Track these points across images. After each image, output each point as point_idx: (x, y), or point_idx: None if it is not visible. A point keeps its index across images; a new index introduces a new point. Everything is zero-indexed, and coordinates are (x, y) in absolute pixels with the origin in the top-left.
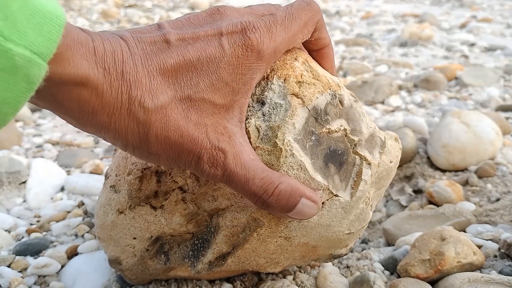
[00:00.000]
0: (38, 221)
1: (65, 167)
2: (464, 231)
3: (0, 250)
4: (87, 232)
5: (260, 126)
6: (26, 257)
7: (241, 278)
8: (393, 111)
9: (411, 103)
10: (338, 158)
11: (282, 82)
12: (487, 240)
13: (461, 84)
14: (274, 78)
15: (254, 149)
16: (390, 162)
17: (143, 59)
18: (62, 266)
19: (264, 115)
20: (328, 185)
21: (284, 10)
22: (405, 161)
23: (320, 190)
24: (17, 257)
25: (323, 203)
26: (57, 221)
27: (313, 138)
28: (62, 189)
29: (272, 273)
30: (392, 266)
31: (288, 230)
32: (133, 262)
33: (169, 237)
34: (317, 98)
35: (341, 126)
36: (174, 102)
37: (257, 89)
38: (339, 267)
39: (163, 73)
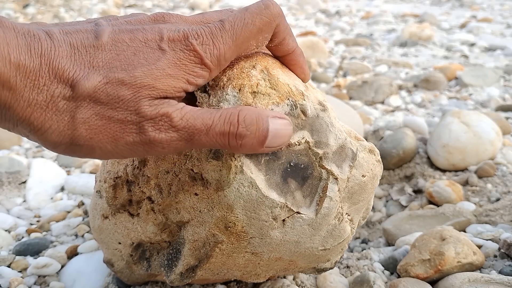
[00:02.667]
0: (38, 221)
1: (65, 167)
2: (464, 231)
3: (0, 250)
4: (87, 232)
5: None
6: (26, 257)
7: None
8: (393, 111)
9: (411, 103)
10: (300, 172)
11: (237, 92)
12: (487, 240)
13: (461, 84)
14: (229, 88)
15: (206, 166)
16: (363, 176)
17: (71, 53)
18: (62, 266)
19: None
20: (285, 203)
21: (235, 15)
22: (405, 161)
23: (277, 207)
24: (17, 257)
25: (283, 220)
26: (57, 221)
27: (269, 152)
28: (62, 189)
29: None
30: (392, 266)
31: (252, 246)
32: (122, 265)
33: (148, 244)
34: (271, 109)
35: (302, 138)
36: (103, 85)
37: (214, 99)
38: (339, 267)
39: (92, 67)
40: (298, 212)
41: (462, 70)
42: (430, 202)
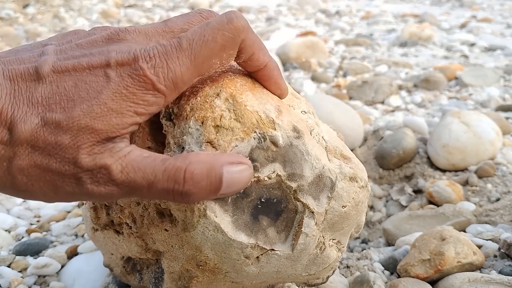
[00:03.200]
0: (38, 221)
1: None
2: (464, 231)
3: (0, 250)
4: None
5: None
6: (26, 257)
7: None
8: (393, 111)
9: (411, 103)
10: (273, 207)
11: (200, 126)
12: (487, 240)
13: (461, 84)
14: (191, 121)
15: (172, 205)
16: (343, 207)
17: (10, 89)
18: (62, 266)
19: None
20: (256, 243)
21: (194, 31)
22: (405, 161)
23: (247, 248)
24: (17, 257)
25: (257, 257)
26: (57, 221)
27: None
28: None
29: None
30: (392, 266)
31: (230, 277)
32: (119, 271)
33: (138, 259)
34: (236, 146)
35: (273, 172)
36: (40, 128)
37: (178, 130)
38: (339, 267)
39: (31, 104)
40: (272, 249)
41: (462, 70)
42: (430, 202)
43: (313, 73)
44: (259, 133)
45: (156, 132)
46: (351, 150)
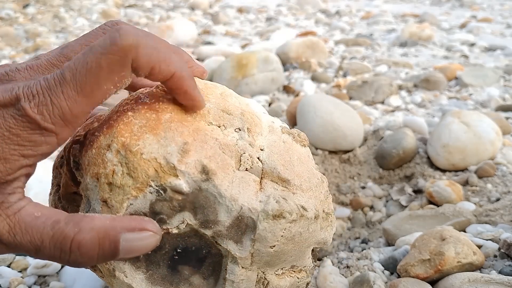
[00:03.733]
0: None
1: None
2: (464, 231)
3: None
4: None
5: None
6: (26, 257)
7: None
8: (393, 111)
9: (411, 103)
10: (193, 255)
11: (96, 182)
12: (487, 240)
13: (461, 84)
14: (88, 176)
15: (94, 270)
16: (271, 247)
17: None
18: (62, 266)
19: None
20: None
21: (77, 60)
22: (405, 161)
23: None
24: (17, 257)
25: None
26: None
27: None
28: None
29: None
30: (392, 266)
31: None
32: None
33: None
34: (130, 205)
35: (182, 222)
36: None
37: (83, 183)
38: (339, 267)
39: None
40: None
41: (462, 70)
42: (430, 202)
43: (313, 73)
44: (156, 186)
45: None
46: (351, 150)
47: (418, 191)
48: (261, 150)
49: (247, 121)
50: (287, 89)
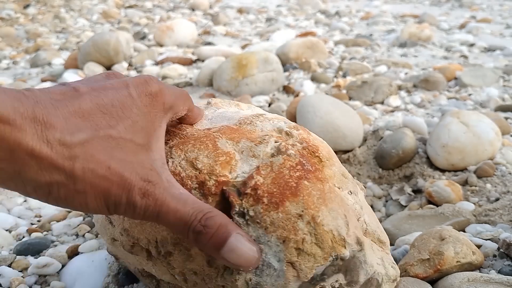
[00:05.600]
0: (38, 221)
1: None
2: (464, 231)
3: (1, 249)
4: (88, 231)
5: (250, 280)
6: (27, 256)
7: None
8: (392, 111)
9: (411, 103)
10: None
11: (281, 243)
12: (486, 240)
13: (461, 84)
14: (273, 236)
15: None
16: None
17: (54, 105)
18: (63, 266)
19: (256, 267)
20: None
21: (172, 86)
22: (404, 161)
23: None
24: (18, 257)
25: None
26: (57, 221)
27: None
28: None
29: None
30: None
31: None
32: (128, 266)
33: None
34: (315, 270)
35: (336, 281)
36: (96, 139)
37: (252, 233)
38: None
39: (78, 116)
40: None
41: (462, 71)
42: (430, 202)
43: (313, 73)
44: (334, 256)
45: (221, 208)
46: (351, 151)
47: (417, 191)
48: (361, 209)
49: (355, 183)
50: (287, 90)
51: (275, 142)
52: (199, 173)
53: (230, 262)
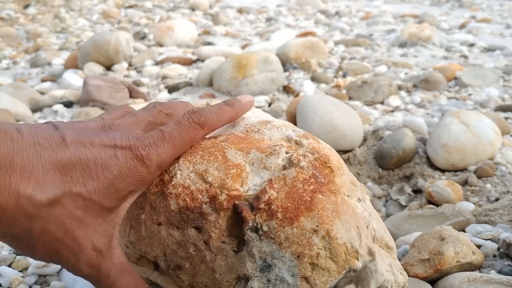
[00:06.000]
0: None
1: None
2: (464, 231)
3: (1, 249)
4: None
5: None
6: (27, 256)
7: None
8: (392, 111)
9: (411, 103)
10: None
11: (295, 259)
12: (486, 240)
13: (461, 84)
14: (287, 252)
15: None
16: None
17: (38, 151)
18: None
19: (269, 282)
20: None
21: (172, 127)
22: (404, 161)
23: None
24: (18, 257)
25: None
26: None
27: None
28: None
29: None
30: None
31: None
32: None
33: None
34: (329, 284)
35: None
36: (66, 197)
37: (265, 248)
38: None
39: (58, 168)
40: None
41: (462, 71)
42: (430, 202)
43: (313, 73)
44: (347, 268)
45: (230, 227)
46: (351, 151)
47: (417, 191)
48: (369, 216)
49: (363, 190)
50: (287, 90)
51: (286, 153)
52: (210, 186)
53: None
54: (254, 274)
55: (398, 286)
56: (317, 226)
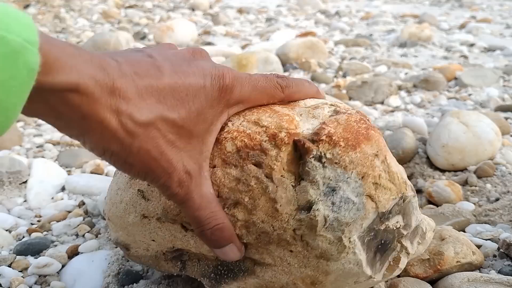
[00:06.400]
0: (38, 221)
1: (66, 167)
2: (464, 231)
3: (0, 249)
4: (88, 231)
5: (328, 216)
6: (27, 256)
7: None
8: (392, 111)
9: (411, 103)
10: (384, 247)
11: (359, 179)
12: (486, 240)
13: (461, 84)
14: (353, 173)
15: (316, 236)
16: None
17: (135, 80)
18: (63, 266)
19: (333, 204)
20: (371, 275)
21: (259, 76)
22: (404, 161)
23: (363, 277)
24: (18, 257)
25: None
26: (57, 221)
27: (372, 233)
28: (63, 189)
29: None
30: None
31: None
32: (144, 254)
33: (191, 252)
34: (391, 202)
35: (397, 222)
36: (160, 121)
37: (330, 174)
38: None
39: (153, 95)
40: (371, 276)
41: (462, 71)
42: (430, 202)
43: (313, 74)
44: (401, 194)
45: (289, 163)
46: None
47: (417, 191)
48: None
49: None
50: None
51: (330, 106)
52: (266, 128)
53: (219, 257)
54: (318, 199)
55: (431, 229)
56: (377, 151)
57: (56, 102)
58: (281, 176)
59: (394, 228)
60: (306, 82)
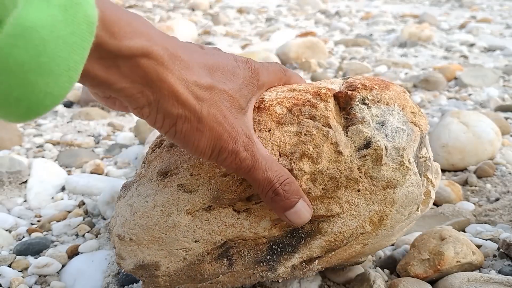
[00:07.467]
0: (38, 221)
1: (66, 167)
2: (464, 231)
3: (0, 249)
4: (88, 231)
5: (386, 146)
6: (27, 256)
7: None
8: None
9: None
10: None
11: (401, 110)
12: (486, 240)
13: (461, 85)
14: (395, 106)
15: (381, 167)
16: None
17: (191, 53)
18: (63, 266)
19: (387, 136)
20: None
21: (270, 65)
22: None
23: (419, 203)
24: (18, 257)
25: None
26: (57, 221)
27: (416, 161)
28: (63, 189)
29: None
30: (391, 266)
31: (372, 239)
32: (179, 267)
33: (240, 241)
34: (427, 127)
35: (425, 153)
36: (216, 90)
37: (377, 111)
38: None
39: (205, 67)
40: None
41: (462, 71)
42: None
43: (313, 74)
44: (428, 126)
45: (336, 114)
46: None
47: None
48: None
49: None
50: None
51: (343, 78)
52: (306, 91)
53: (290, 221)
54: (374, 133)
55: (438, 165)
56: (403, 90)
57: (129, 67)
58: (336, 122)
59: (424, 160)
60: (297, 75)
